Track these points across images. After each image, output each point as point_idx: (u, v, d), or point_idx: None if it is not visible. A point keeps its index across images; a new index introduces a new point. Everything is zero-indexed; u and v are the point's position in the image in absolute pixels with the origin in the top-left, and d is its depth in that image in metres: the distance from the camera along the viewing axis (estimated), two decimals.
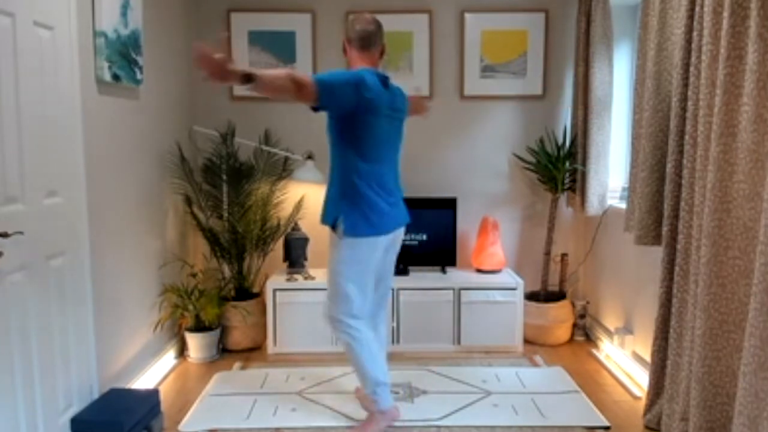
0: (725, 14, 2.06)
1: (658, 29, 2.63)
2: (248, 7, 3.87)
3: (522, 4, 3.89)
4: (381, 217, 2.50)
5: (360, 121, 2.41)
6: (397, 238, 2.69)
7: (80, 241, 2.51)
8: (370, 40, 2.50)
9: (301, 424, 2.71)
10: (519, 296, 3.63)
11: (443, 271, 3.88)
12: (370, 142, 2.46)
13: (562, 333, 3.79)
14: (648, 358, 3.08)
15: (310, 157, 3.71)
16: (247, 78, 2.00)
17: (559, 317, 3.75)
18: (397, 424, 2.70)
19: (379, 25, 2.55)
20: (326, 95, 2.25)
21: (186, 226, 3.78)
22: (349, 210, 2.47)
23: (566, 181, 3.80)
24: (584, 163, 3.64)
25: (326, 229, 2.54)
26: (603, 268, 3.74)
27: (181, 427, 2.69)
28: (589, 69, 3.52)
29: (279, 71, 2.13)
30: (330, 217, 2.53)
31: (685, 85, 2.41)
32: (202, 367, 3.42)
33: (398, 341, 3.63)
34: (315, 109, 2.31)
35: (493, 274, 3.84)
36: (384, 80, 2.50)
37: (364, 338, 2.58)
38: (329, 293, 2.60)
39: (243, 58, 3.89)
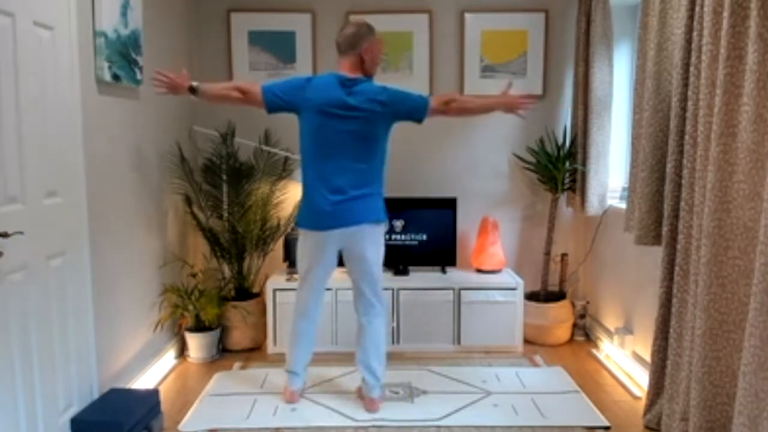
0: (725, 14, 2.06)
1: (658, 29, 2.63)
2: (248, 7, 3.87)
3: (522, 4, 3.89)
4: (318, 215, 2.70)
5: (302, 120, 2.72)
6: (352, 236, 2.72)
7: (80, 241, 2.51)
8: (341, 46, 2.72)
9: (301, 424, 2.71)
10: (519, 296, 3.63)
11: (443, 271, 3.88)
12: (311, 140, 2.70)
13: (562, 333, 3.79)
14: (648, 358, 3.08)
15: None
16: (192, 90, 2.66)
17: (559, 317, 3.75)
18: (397, 424, 2.70)
19: (356, 32, 2.68)
20: (269, 98, 2.69)
21: (186, 226, 3.78)
22: (301, 204, 2.79)
23: (566, 181, 3.80)
24: (584, 163, 3.64)
25: None
26: (603, 268, 3.74)
27: (181, 426, 2.69)
28: (589, 69, 3.52)
29: (225, 83, 2.82)
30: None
31: (685, 85, 2.41)
32: (202, 367, 3.42)
33: (398, 341, 3.63)
34: (268, 111, 2.73)
35: (493, 274, 3.84)
36: (343, 82, 2.67)
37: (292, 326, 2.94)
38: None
39: (243, 58, 3.89)
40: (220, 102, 2.79)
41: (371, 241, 2.75)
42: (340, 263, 2.68)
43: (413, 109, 2.73)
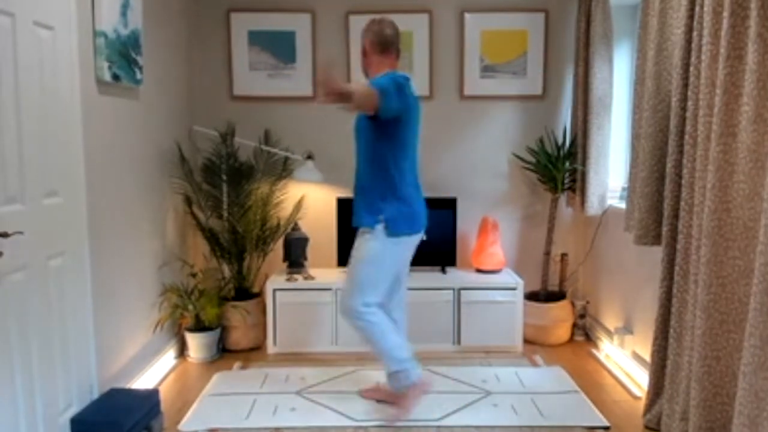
0: (725, 14, 2.06)
1: (658, 29, 2.63)
2: (248, 7, 3.87)
3: (522, 4, 3.89)
4: (418, 217, 2.67)
5: (403, 122, 2.55)
6: (419, 238, 2.80)
7: (80, 241, 2.51)
8: (390, 44, 2.63)
9: (300, 423, 2.71)
10: (519, 296, 3.63)
11: (443, 271, 3.88)
12: (409, 141, 2.61)
13: (562, 333, 3.79)
14: (648, 358, 3.08)
15: (309, 157, 3.71)
16: (347, 96, 2.23)
17: (559, 317, 3.75)
18: (397, 424, 2.70)
19: (397, 30, 2.68)
20: (385, 102, 2.41)
21: (186, 226, 3.78)
22: (395, 209, 2.62)
23: (566, 181, 3.80)
24: (584, 163, 3.64)
25: (326, 228, 2.60)
26: (603, 268, 3.75)
27: (180, 426, 2.69)
28: (589, 69, 3.52)
29: (357, 85, 2.31)
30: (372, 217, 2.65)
31: (685, 85, 2.41)
32: (202, 367, 3.42)
33: None
34: (372, 117, 2.48)
35: (493, 274, 3.84)
36: (407, 80, 2.60)
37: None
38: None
39: (243, 58, 3.89)
40: (363, 109, 2.47)
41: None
42: (343, 263, 2.68)
43: None
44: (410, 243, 2.69)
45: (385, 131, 2.55)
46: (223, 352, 3.63)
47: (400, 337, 2.73)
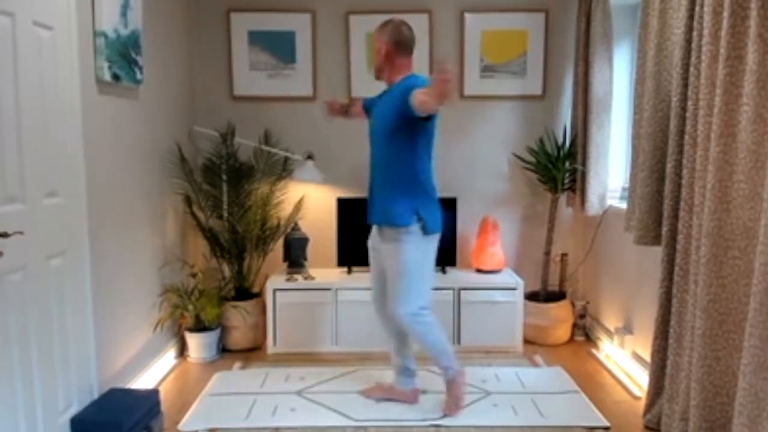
0: (725, 14, 2.06)
1: (658, 29, 2.63)
2: (248, 7, 3.87)
3: (522, 4, 3.89)
4: (440, 214, 2.72)
5: (431, 123, 2.59)
6: None
7: (80, 241, 2.51)
8: (412, 47, 2.68)
9: (300, 423, 2.71)
10: (519, 296, 3.63)
11: (443, 271, 3.88)
12: (431, 141, 2.66)
13: (562, 333, 3.79)
14: (648, 358, 3.08)
15: (310, 157, 3.71)
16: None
17: (559, 317, 3.75)
18: (397, 424, 2.70)
19: (413, 31, 2.72)
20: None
21: (186, 226, 3.78)
22: (427, 208, 2.66)
23: (566, 181, 3.80)
24: (584, 163, 3.64)
25: (326, 229, 2.59)
26: (603, 268, 3.74)
27: (180, 426, 2.69)
28: (589, 69, 3.52)
29: (424, 93, 2.33)
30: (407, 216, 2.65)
31: (685, 85, 2.41)
32: (202, 367, 3.42)
33: None
34: (426, 118, 2.50)
35: (493, 274, 3.84)
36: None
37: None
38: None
39: (243, 58, 3.89)
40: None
41: None
42: (343, 263, 2.67)
43: None
44: (437, 240, 2.74)
45: (422, 131, 2.59)
46: (223, 352, 3.63)
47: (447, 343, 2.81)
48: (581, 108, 3.67)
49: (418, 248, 2.64)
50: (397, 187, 2.62)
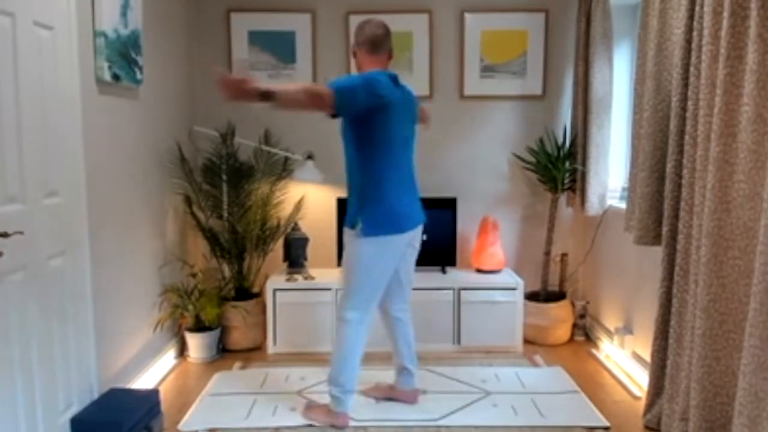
0: (725, 14, 2.06)
1: (658, 29, 2.63)
2: (248, 7, 3.87)
3: (522, 4, 3.89)
4: (401, 217, 2.58)
5: (375, 122, 2.47)
6: (414, 237, 2.73)
7: (80, 241, 2.51)
8: (380, 44, 2.58)
9: (300, 423, 2.71)
10: (519, 296, 3.63)
11: (443, 271, 3.88)
12: (387, 140, 2.52)
13: (562, 333, 3.79)
14: (648, 358, 3.08)
15: (310, 157, 3.71)
16: (266, 96, 2.09)
17: (559, 317, 3.75)
18: (397, 424, 2.70)
19: (387, 30, 2.62)
20: (343, 101, 2.32)
21: (186, 226, 3.78)
22: (370, 210, 2.54)
23: (566, 181, 3.80)
24: (584, 163, 3.64)
25: (326, 229, 2.58)
26: (603, 268, 3.74)
27: (180, 426, 2.69)
28: (589, 69, 3.52)
29: (296, 85, 2.21)
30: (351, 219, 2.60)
31: (685, 85, 2.41)
32: (202, 367, 3.42)
33: None
34: (333, 115, 2.37)
35: (493, 274, 3.84)
36: (394, 79, 2.57)
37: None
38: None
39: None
40: (293, 109, 2.60)
41: (419, 240, 2.79)
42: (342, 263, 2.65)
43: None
44: (395, 243, 2.57)
45: (360, 130, 2.49)
46: (223, 352, 3.63)
47: (357, 368, 2.67)
48: (581, 108, 3.67)
49: (361, 249, 2.54)
50: (351, 188, 2.62)
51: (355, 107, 2.38)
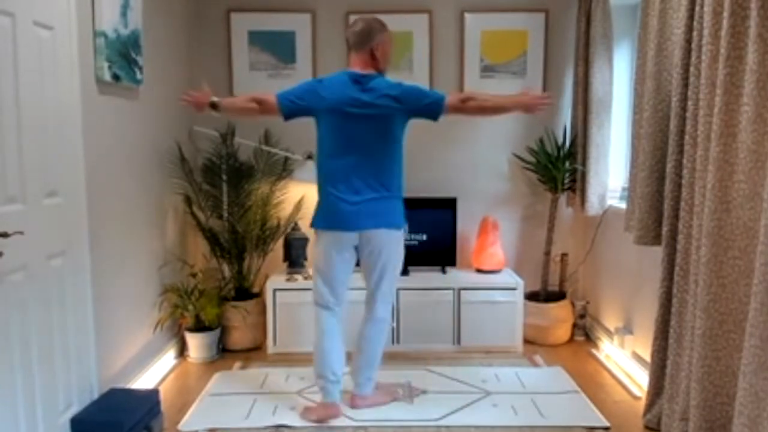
0: (725, 14, 2.06)
1: (658, 29, 2.63)
2: (248, 7, 3.87)
3: (522, 4, 3.89)
4: (336, 215, 2.66)
5: (319, 121, 2.70)
6: (369, 240, 2.67)
7: (80, 241, 2.51)
8: (355, 43, 2.69)
9: (300, 423, 2.71)
10: (519, 296, 3.63)
11: (443, 271, 3.88)
12: (329, 141, 2.66)
13: (562, 333, 3.79)
14: (648, 358, 3.07)
15: (310, 157, 3.71)
16: (213, 105, 2.67)
17: (559, 317, 3.75)
18: (397, 424, 2.70)
19: (367, 27, 2.67)
20: (285, 104, 2.67)
21: (186, 226, 3.78)
22: (317, 205, 2.76)
23: (566, 181, 3.80)
24: (584, 163, 3.64)
25: None
26: (603, 268, 3.74)
27: (180, 426, 2.69)
28: (589, 69, 3.52)
29: (243, 96, 2.77)
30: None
31: (685, 85, 2.41)
32: (202, 367, 3.42)
33: (398, 341, 3.63)
34: (286, 117, 2.71)
35: (493, 274, 3.83)
36: (356, 79, 2.63)
37: None
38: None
39: (243, 58, 3.89)
40: (240, 115, 3.00)
41: (387, 246, 2.69)
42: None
43: (428, 106, 2.63)
44: (331, 239, 2.68)
45: (317, 128, 2.72)
46: (223, 352, 3.63)
47: (326, 358, 2.81)
48: (581, 108, 3.67)
49: (316, 244, 2.79)
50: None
51: (295, 111, 2.68)
